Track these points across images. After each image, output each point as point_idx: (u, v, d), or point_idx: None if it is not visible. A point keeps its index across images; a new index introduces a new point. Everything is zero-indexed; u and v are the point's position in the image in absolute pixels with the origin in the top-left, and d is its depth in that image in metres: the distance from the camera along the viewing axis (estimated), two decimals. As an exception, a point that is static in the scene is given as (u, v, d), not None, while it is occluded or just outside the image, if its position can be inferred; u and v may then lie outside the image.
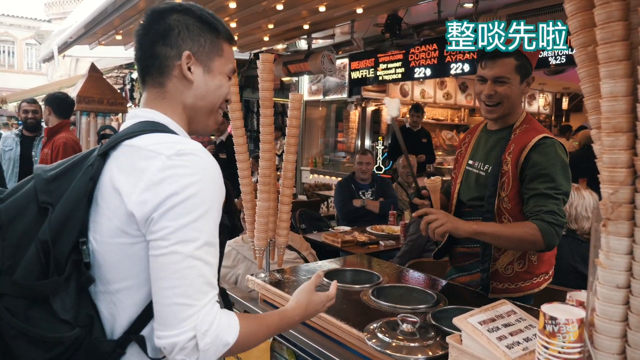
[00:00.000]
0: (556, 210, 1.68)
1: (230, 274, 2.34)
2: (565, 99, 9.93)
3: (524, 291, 1.84)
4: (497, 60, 1.78)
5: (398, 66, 6.57)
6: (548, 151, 1.75)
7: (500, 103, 1.82)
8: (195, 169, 0.91)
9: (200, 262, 0.89)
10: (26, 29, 21.95)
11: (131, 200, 0.90)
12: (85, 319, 0.93)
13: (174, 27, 1.04)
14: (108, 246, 0.94)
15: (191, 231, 0.88)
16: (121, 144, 0.98)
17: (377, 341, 1.34)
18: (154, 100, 1.06)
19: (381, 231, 3.84)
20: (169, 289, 0.88)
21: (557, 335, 0.95)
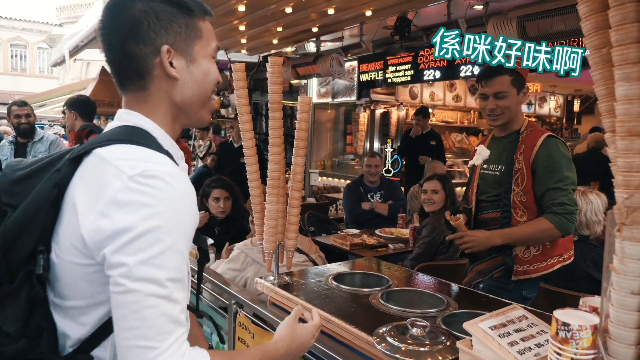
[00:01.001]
0: (566, 201, 1.99)
1: (240, 276, 2.34)
2: (576, 101, 9.85)
3: (541, 271, 2.11)
4: (494, 78, 2.12)
5: (407, 68, 6.55)
6: (552, 149, 2.05)
7: (502, 113, 2.15)
8: (159, 196, 0.81)
9: (163, 301, 0.80)
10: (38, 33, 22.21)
11: (85, 223, 0.82)
12: (34, 331, 0.86)
13: (141, 19, 0.92)
14: (64, 263, 0.86)
15: (152, 268, 0.79)
16: (92, 152, 0.89)
17: (386, 345, 1.33)
18: (135, 104, 0.97)
19: (390, 234, 3.82)
20: (129, 330, 0.79)
21: (570, 341, 0.93)
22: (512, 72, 2.09)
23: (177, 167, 0.89)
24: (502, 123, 2.17)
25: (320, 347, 1.51)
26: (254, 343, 1.85)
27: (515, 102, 2.13)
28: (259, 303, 1.88)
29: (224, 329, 2.14)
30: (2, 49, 21.72)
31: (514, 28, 4.12)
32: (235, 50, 6.63)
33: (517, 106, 2.16)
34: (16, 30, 21.99)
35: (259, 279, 1.91)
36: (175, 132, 1.01)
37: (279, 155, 1.78)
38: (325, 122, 8.93)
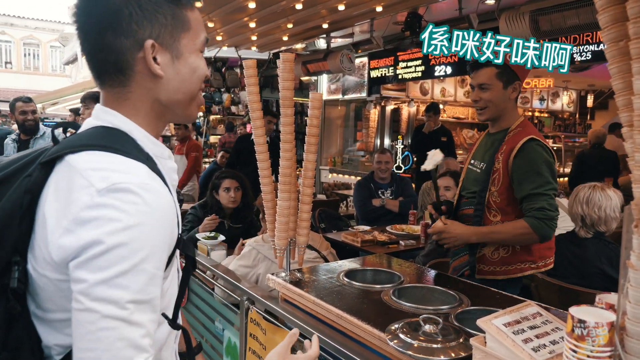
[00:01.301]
0: (546, 206, 1.93)
1: (251, 273, 2.35)
2: (590, 96, 9.73)
3: (509, 274, 2.06)
4: (479, 70, 2.09)
5: (418, 64, 6.52)
6: (532, 153, 1.99)
7: (486, 107, 2.11)
8: (127, 211, 0.74)
9: (122, 323, 0.73)
10: (50, 31, 22.42)
11: (52, 239, 0.76)
12: (14, 344, 0.81)
13: (122, 7, 0.82)
14: (40, 277, 0.80)
15: (112, 288, 0.73)
16: (65, 158, 0.81)
17: (398, 342, 1.32)
18: (113, 102, 0.88)
19: (401, 231, 3.81)
20: (84, 351, 0.74)
21: (586, 338, 0.92)
22: (500, 65, 2.00)
23: (153, 177, 0.81)
24: (487, 117, 2.14)
25: (332, 344, 1.51)
26: (265, 339, 1.86)
27: (500, 96, 2.07)
28: (271, 299, 1.89)
29: (235, 325, 2.15)
30: (16, 48, 21.97)
31: (526, 23, 4.07)
32: (245, 47, 6.64)
33: (506, 102, 2.09)
34: (29, 29, 22.22)
35: (271, 275, 1.92)
36: (159, 129, 0.94)
37: (290, 151, 1.78)
38: (336, 118, 8.92)
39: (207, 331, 2.44)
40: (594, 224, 2.42)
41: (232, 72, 9.62)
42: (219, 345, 2.30)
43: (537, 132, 2.08)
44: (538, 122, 9.83)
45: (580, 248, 2.47)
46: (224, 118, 10.95)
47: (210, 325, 2.41)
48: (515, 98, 2.12)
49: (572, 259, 2.53)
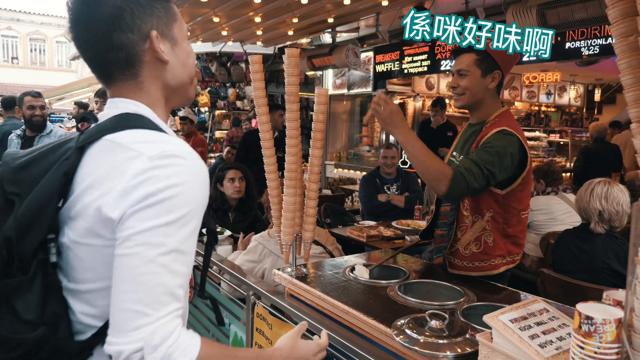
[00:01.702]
0: (475, 173, 1.81)
1: (257, 268, 2.36)
2: (597, 90, 9.65)
3: (482, 271, 2.00)
4: (460, 55, 2.06)
5: (424, 59, 6.48)
6: (499, 137, 1.91)
7: (463, 94, 2.05)
8: (177, 171, 0.83)
9: (163, 270, 0.81)
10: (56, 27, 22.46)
11: (107, 202, 0.82)
12: (51, 318, 0.87)
13: (123, 7, 0.91)
14: (80, 246, 0.87)
15: (158, 235, 0.80)
16: (102, 138, 0.90)
17: (404, 337, 1.33)
18: (130, 93, 0.96)
19: (407, 226, 3.80)
20: (125, 293, 0.80)
21: (593, 335, 0.92)
22: (481, 52, 1.98)
23: (187, 145, 0.90)
24: (462, 104, 2.07)
25: (338, 339, 1.51)
26: (272, 334, 1.86)
27: (478, 83, 2.02)
28: (277, 294, 1.89)
29: (242, 319, 2.16)
30: (22, 43, 22.03)
31: (533, 16, 4.03)
32: (250, 42, 6.63)
33: (484, 91, 2.03)
34: (35, 24, 22.27)
35: (277, 270, 1.92)
36: (167, 115, 1.03)
37: (296, 147, 1.77)
38: (341, 113, 8.90)
39: (213, 325, 2.46)
40: (611, 219, 2.41)
41: (237, 66, 9.62)
42: (225, 340, 2.32)
43: (514, 124, 2.02)
44: (545, 116, 9.78)
45: (588, 243, 2.46)
46: (230, 113, 10.95)
47: (217, 320, 2.42)
48: (496, 88, 2.06)
49: (578, 254, 2.52)
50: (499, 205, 1.96)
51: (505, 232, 1.99)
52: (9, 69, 21.13)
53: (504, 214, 1.97)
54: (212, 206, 3.28)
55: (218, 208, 3.29)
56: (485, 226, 1.98)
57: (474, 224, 1.99)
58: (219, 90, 10.44)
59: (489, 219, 1.97)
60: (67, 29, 0.96)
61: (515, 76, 8.70)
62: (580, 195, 2.54)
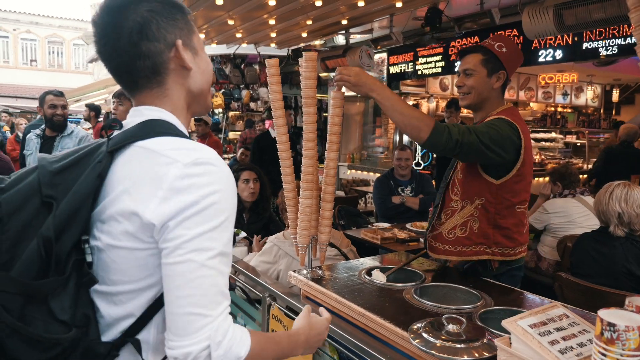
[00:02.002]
0: (460, 129, 1.82)
1: (272, 269, 2.37)
2: (615, 90, 9.51)
3: (462, 256, 2.05)
4: (466, 56, 2.12)
5: (438, 60, 6.45)
6: (493, 120, 1.96)
7: (469, 93, 2.10)
8: (213, 178, 0.89)
9: (214, 272, 0.87)
10: (74, 30, 22.81)
11: (149, 208, 0.86)
12: (82, 320, 0.89)
13: (149, 19, 0.95)
14: (115, 249, 0.91)
15: (207, 240, 0.86)
16: (133, 145, 0.94)
17: (421, 341, 1.32)
18: (155, 100, 1.00)
19: (421, 228, 3.78)
20: (184, 298, 0.86)
21: (615, 342, 0.91)
22: (487, 53, 2.06)
23: (216, 153, 0.94)
24: (468, 103, 2.12)
25: (354, 341, 1.51)
26: (287, 336, 1.87)
27: (484, 83, 2.07)
28: (292, 296, 1.90)
29: (257, 320, 2.17)
30: (40, 46, 22.40)
31: (550, 17, 3.99)
32: (264, 44, 6.66)
33: (489, 90, 2.08)
34: (53, 27, 22.63)
35: (293, 272, 1.93)
36: (188, 122, 1.08)
37: (312, 150, 1.78)
38: (355, 115, 8.89)
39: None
40: (630, 222, 2.37)
41: (251, 68, 9.66)
42: (240, 341, 2.33)
43: (516, 117, 2.03)
44: (561, 117, 9.66)
45: (607, 247, 2.43)
46: (243, 114, 11.01)
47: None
48: (501, 88, 2.11)
49: (597, 258, 2.48)
50: (491, 194, 1.98)
51: (495, 223, 2.00)
52: (27, 71, 21.51)
53: (497, 204, 1.98)
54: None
55: None
56: (473, 212, 2.01)
57: (463, 209, 2.03)
58: (232, 91, 10.49)
59: (479, 206, 2.00)
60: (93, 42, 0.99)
61: (531, 77, 8.61)
62: (599, 198, 2.51)
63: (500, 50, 2.05)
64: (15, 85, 19.27)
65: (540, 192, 4.02)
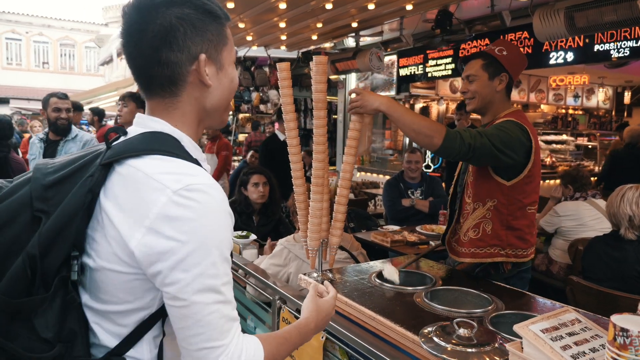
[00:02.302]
0: (471, 133, 1.85)
1: (282, 272, 2.38)
2: (627, 92, 9.41)
3: (476, 258, 2.07)
4: (469, 62, 2.18)
5: (448, 62, 6.44)
6: (501, 123, 1.99)
7: (473, 97, 2.15)
8: (204, 209, 0.84)
9: (221, 305, 0.86)
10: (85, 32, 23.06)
11: (134, 237, 0.83)
12: (68, 336, 0.87)
13: (177, 26, 0.90)
14: (105, 270, 0.87)
15: (207, 279, 0.84)
16: (126, 163, 0.88)
17: (432, 345, 1.32)
18: (162, 112, 0.96)
19: (431, 231, 3.77)
20: (195, 336, 0.85)
21: (628, 347, 0.90)
22: (487, 56, 2.12)
23: (210, 177, 0.90)
24: (473, 107, 2.17)
25: (364, 344, 1.51)
26: (298, 338, 1.87)
27: (486, 87, 2.11)
28: (302, 299, 1.88)
29: (267, 323, 2.18)
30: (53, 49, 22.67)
31: (561, 19, 3.97)
32: (274, 46, 6.68)
33: (492, 93, 2.12)
34: (65, 30, 22.89)
35: (303, 275, 1.93)
36: (199, 135, 1.03)
37: (323, 153, 1.79)
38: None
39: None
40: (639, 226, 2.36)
41: (261, 70, 9.70)
42: (250, 343, 2.34)
43: (523, 119, 2.04)
44: (572, 119, 9.59)
45: (618, 250, 2.41)
46: (253, 117, 11.04)
47: (242, 323, 2.45)
48: (505, 90, 2.14)
49: (608, 262, 2.47)
50: (503, 195, 2.00)
51: (508, 224, 2.02)
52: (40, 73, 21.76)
53: (509, 205, 2.00)
54: (236, 210, 3.32)
55: (242, 212, 3.33)
56: (486, 214, 2.04)
57: (475, 211, 2.06)
58: (242, 94, 10.54)
59: (491, 208, 2.03)
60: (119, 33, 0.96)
61: (542, 79, 8.56)
62: (610, 200, 2.50)
63: (501, 54, 2.09)
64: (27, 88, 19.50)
65: (551, 195, 3.99)
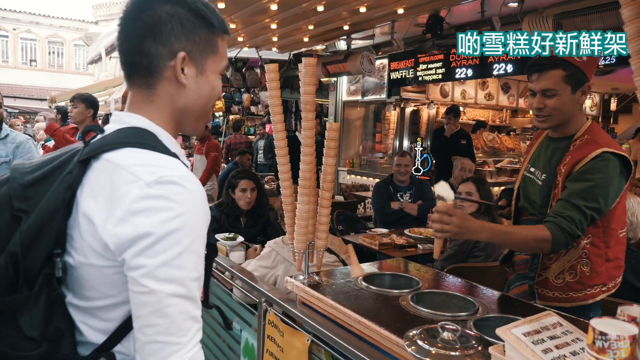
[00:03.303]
0: (577, 220, 1.68)
1: (270, 274, 2.37)
2: (613, 100, 9.55)
3: (576, 301, 1.82)
4: (544, 73, 1.80)
5: (439, 66, 6.48)
6: (600, 165, 1.71)
7: (550, 115, 1.83)
8: (176, 201, 0.84)
9: (182, 299, 0.84)
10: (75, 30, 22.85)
11: (106, 229, 0.83)
12: (54, 333, 0.87)
13: (166, 21, 0.93)
14: (84, 265, 0.88)
15: (172, 269, 0.83)
16: (102, 157, 0.89)
17: (416, 348, 1.33)
18: (140, 104, 0.97)
19: (419, 234, 3.79)
20: (150, 327, 0.83)
21: (607, 351, 0.91)
22: (568, 65, 1.77)
23: (188, 170, 0.91)
24: (550, 125, 1.88)
25: (349, 348, 1.52)
26: (283, 341, 1.87)
27: (568, 102, 1.80)
28: (289, 302, 1.90)
29: (253, 326, 2.17)
30: (41, 46, 22.44)
31: (549, 26, 4.02)
32: (266, 48, 6.68)
33: (573, 107, 1.82)
34: (54, 27, 22.66)
35: (289, 278, 1.93)
36: (176, 134, 1.03)
37: (310, 155, 1.79)
38: (355, 120, 8.91)
39: (224, 332, 2.47)
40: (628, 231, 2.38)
41: (252, 72, 9.69)
42: (236, 346, 2.33)
43: (609, 140, 1.80)
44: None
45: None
46: (243, 118, 11.02)
47: (228, 325, 2.43)
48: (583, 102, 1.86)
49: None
50: (598, 229, 1.77)
51: (607, 257, 1.80)
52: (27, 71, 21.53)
53: (605, 237, 1.78)
54: (223, 211, 3.31)
55: (230, 214, 3.31)
56: (581, 254, 1.79)
57: (568, 252, 1.81)
58: (233, 95, 10.52)
59: (587, 246, 1.79)
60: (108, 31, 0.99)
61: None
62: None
63: (581, 60, 1.75)
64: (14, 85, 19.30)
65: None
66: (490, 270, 3.03)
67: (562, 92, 1.79)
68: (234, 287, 2.41)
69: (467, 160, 5.18)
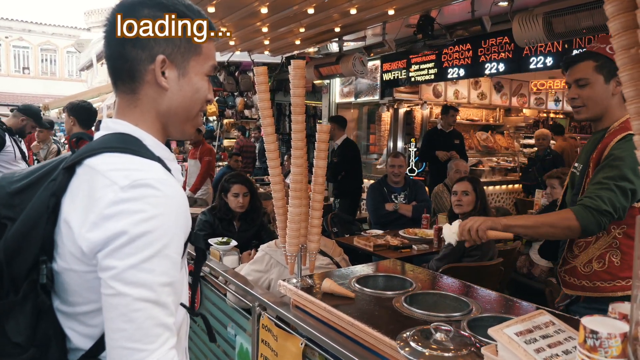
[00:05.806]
0: (603, 196, 1.65)
1: (263, 278, 2.36)
2: None
3: (604, 292, 1.78)
4: (575, 65, 1.87)
5: (431, 67, 6.49)
6: (625, 145, 1.70)
7: (584, 105, 1.87)
8: (150, 203, 0.83)
9: (151, 305, 0.82)
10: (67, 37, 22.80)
11: (80, 234, 0.83)
12: (41, 339, 0.87)
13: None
14: (67, 271, 0.88)
15: (141, 272, 0.81)
16: (84, 162, 0.89)
17: (410, 350, 1.32)
18: (125, 109, 0.98)
19: (414, 235, 3.79)
20: (117, 332, 0.82)
21: (598, 349, 0.91)
22: (599, 57, 1.81)
23: (167, 173, 0.91)
24: (586, 117, 1.89)
25: (343, 351, 1.51)
26: (277, 345, 1.86)
27: (601, 92, 1.82)
28: (282, 305, 1.89)
29: (247, 330, 2.16)
30: (33, 54, 22.37)
31: (540, 25, 4.03)
32: (258, 51, 6.67)
33: (608, 98, 1.82)
34: (46, 35, 22.61)
35: (282, 281, 1.92)
36: (163, 139, 1.02)
37: (301, 158, 1.78)
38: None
39: (219, 336, 2.46)
40: None
41: (245, 76, 9.68)
42: (231, 351, 2.32)
43: None
44: (553, 123, 9.72)
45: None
46: (237, 122, 11.01)
47: (223, 331, 2.42)
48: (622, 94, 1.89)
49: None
50: (632, 218, 1.71)
51: None
52: (20, 79, 21.46)
53: None
54: (216, 215, 3.30)
55: (223, 218, 3.30)
56: (612, 243, 1.76)
57: (598, 240, 1.79)
58: (227, 99, 10.51)
59: (619, 235, 1.75)
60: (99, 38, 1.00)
61: (523, 83, 8.67)
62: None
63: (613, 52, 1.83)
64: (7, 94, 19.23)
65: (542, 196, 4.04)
66: (486, 270, 3.03)
67: (594, 81, 1.82)
68: (227, 292, 2.39)
69: (461, 162, 5.18)
